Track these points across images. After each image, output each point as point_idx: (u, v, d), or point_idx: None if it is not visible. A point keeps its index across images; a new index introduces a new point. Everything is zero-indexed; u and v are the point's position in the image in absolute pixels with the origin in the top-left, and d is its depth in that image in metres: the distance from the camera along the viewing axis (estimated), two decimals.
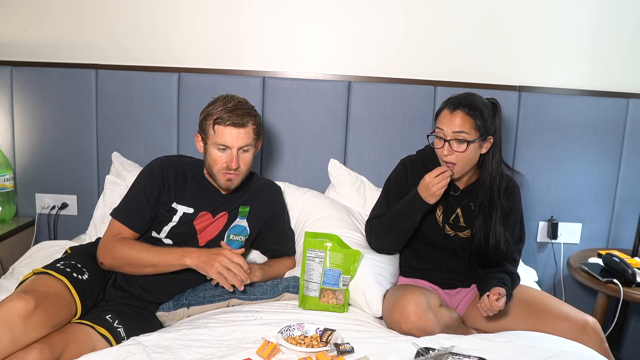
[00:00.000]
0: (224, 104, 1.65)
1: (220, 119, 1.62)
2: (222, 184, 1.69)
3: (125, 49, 2.27)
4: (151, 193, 1.68)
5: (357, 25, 2.26)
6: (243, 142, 1.64)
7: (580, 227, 2.34)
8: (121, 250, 1.61)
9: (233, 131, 1.62)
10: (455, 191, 1.76)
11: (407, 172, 1.80)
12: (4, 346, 1.25)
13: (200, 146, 1.72)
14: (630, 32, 2.27)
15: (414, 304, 1.56)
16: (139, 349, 1.36)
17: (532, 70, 2.29)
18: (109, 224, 1.70)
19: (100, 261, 1.64)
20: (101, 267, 1.64)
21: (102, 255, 1.63)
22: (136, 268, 1.62)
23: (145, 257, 1.60)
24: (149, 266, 1.60)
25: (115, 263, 1.63)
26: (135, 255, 1.60)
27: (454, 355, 1.34)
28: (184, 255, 1.59)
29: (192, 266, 1.59)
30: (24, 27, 2.27)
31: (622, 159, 2.30)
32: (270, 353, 1.34)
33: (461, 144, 1.63)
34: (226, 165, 1.65)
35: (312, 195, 2.07)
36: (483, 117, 1.64)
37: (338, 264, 1.67)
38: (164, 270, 1.62)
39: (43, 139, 2.27)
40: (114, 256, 1.62)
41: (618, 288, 1.91)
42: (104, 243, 1.65)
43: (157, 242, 1.71)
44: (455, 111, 1.63)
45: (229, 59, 2.27)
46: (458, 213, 1.77)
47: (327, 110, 2.24)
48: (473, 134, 1.63)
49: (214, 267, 1.56)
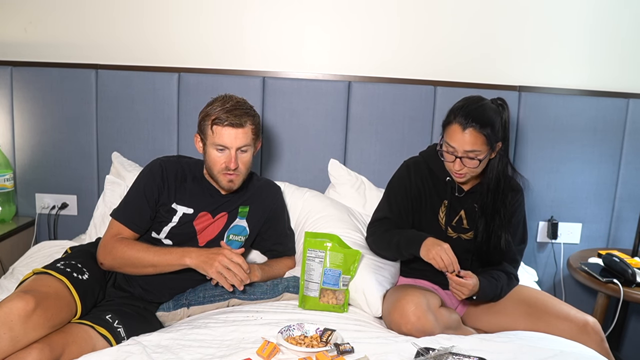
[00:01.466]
0: (222, 104, 1.64)
1: (218, 119, 1.62)
2: (223, 185, 1.69)
3: (125, 48, 2.27)
4: (151, 193, 1.68)
5: (357, 25, 2.26)
6: (241, 143, 1.64)
7: (580, 227, 2.34)
8: (121, 250, 1.61)
9: (231, 131, 1.62)
10: (460, 193, 1.76)
11: (410, 175, 1.79)
12: (3, 346, 1.25)
13: (199, 147, 1.72)
14: (630, 32, 2.27)
15: (413, 305, 1.55)
16: (139, 349, 1.36)
17: (532, 70, 2.29)
18: (109, 224, 1.70)
19: (100, 262, 1.64)
20: (101, 267, 1.64)
21: (102, 256, 1.63)
22: (136, 268, 1.62)
23: (145, 257, 1.60)
24: (149, 266, 1.60)
25: (115, 263, 1.62)
26: (135, 255, 1.60)
27: (454, 355, 1.34)
28: (184, 255, 1.59)
29: (192, 266, 1.59)
30: (24, 27, 2.27)
31: (622, 159, 2.30)
32: (270, 353, 1.34)
33: (473, 160, 1.63)
34: (225, 165, 1.65)
35: (312, 195, 2.07)
36: (494, 130, 1.62)
37: (338, 264, 1.67)
38: (164, 271, 1.61)
39: (43, 139, 2.27)
40: (114, 256, 1.61)
41: (618, 288, 1.91)
42: (104, 243, 1.65)
43: (157, 242, 1.71)
44: (467, 129, 1.59)
45: (229, 59, 2.28)
46: (462, 215, 1.76)
47: (327, 110, 2.24)
48: (484, 150, 1.62)
49: (213, 266, 1.56)
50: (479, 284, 1.62)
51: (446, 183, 1.75)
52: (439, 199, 1.76)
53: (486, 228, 1.72)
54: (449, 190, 1.75)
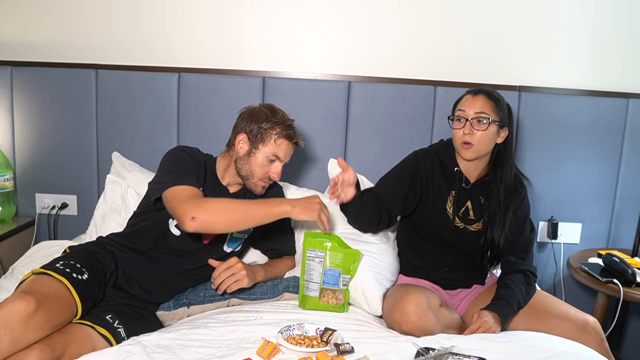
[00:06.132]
0: (284, 120, 1.71)
1: (287, 134, 1.69)
2: (258, 190, 1.74)
3: (125, 48, 2.27)
4: (194, 166, 1.67)
5: (357, 25, 2.26)
6: (289, 158, 1.77)
7: (580, 227, 2.34)
8: (212, 201, 1.56)
9: (291, 148, 1.73)
10: (467, 184, 1.78)
11: (419, 162, 1.80)
12: (4, 347, 1.25)
13: (242, 148, 1.71)
14: (630, 32, 2.27)
15: (414, 304, 1.56)
16: (139, 349, 1.36)
17: (532, 70, 2.29)
18: (170, 195, 1.57)
19: (191, 217, 1.49)
20: (186, 228, 1.50)
21: (193, 210, 1.50)
22: (234, 215, 1.55)
23: (243, 205, 1.57)
24: (250, 214, 1.56)
25: (208, 216, 1.51)
26: (232, 205, 1.56)
27: (454, 355, 1.34)
28: (281, 202, 1.61)
29: (292, 214, 1.59)
30: (24, 27, 2.27)
31: (622, 159, 2.30)
32: (270, 353, 1.34)
33: (482, 124, 1.69)
34: (269, 175, 1.71)
35: None
36: (501, 105, 1.73)
37: (338, 263, 1.67)
38: (262, 221, 1.59)
39: (43, 139, 2.27)
40: (208, 208, 1.52)
41: (618, 288, 1.91)
42: (185, 204, 1.52)
43: (165, 233, 1.69)
44: (477, 95, 1.72)
45: (229, 59, 2.28)
46: (468, 206, 1.78)
47: (327, 110, 2.24)
48: (494, 115, 1.70)
49: (316, 211, 1.61)
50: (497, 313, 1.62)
51: (454, 173, 1.77)
52: (447, 189, 1.78)
53: (494, 219, 1.75)
54: (457, 180, 1.77)
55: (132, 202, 2.06)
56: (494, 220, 1.75)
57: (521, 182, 1.82)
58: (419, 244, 1.84)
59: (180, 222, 1.52)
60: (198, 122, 2.24)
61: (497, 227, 1.75)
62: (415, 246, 1.84)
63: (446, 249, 1.80)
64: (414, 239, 1.85)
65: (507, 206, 1.75)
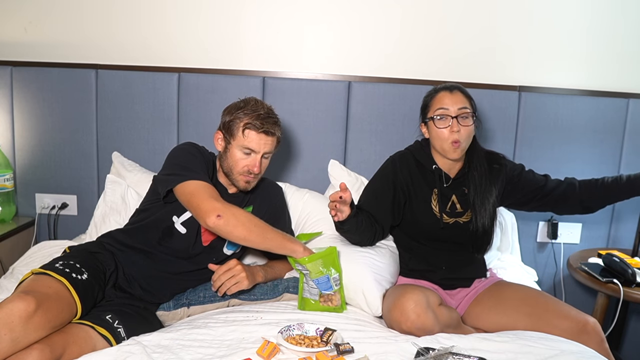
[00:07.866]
0: (254, 110, 1.67)
1: (253, 125, 1.65)
2: (240, 185, 1.72)
3: (125, 48, 2.27)
4: (203, 162, 1.69)
5: (357, 25, 2.26)
6: (268, 149, 1.69)
7: (580, 227, 2.34)
8: (239, 209, 1.59)
9: (262, 138, 1.67)
10: (447, 181, 1.79)
11: (396, 168, 1.82)
12: (4, 347, 1.25)
13: (220, 145, 1.73)
14: (630, 32, 2.27)
15: (413, 303, 1.55)
16: (139, 349, 1.36)
17: (532, 70, 2.29)
18: (188, 189, 1.59)
19: (218, 214, 1.53)
20: (207, 222, 1.53)
21: (222, 209, 1.54)
22: (253, 232, 1.58)
23: (264, 226, 1.60)
24: (268, 237, 1.60)
25: (234, 220, 1.54)
26: (256, 220, 1.59)
27: (454, 355, 1.34)
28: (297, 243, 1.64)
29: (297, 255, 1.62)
30: (24, 27, 2.27)
31: (622, 159, 2.30)
32: (270, 353, 1.34)
33: (467, 119, 1.70)
34: (247, 168, 1.68)
35: (312, 197, 2.07)
36: (472, 99, 1.76)
37: (320, 270, 1.64)
38: (272, 248, 1.63)
39: (43, 139, 2.27)
40: (235, 213, 1.55)
41: (618, 288, 1.91)
42: (214, 201, 1.55)
43: (171, 228, 1.70)
44: (454, 91, 1.73)
45: (229, 59, 2.28)
46: (453, 200, 1.80)
47: (327, 110, 2.24)
48: (471, 108, 1.73)
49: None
50: None
51: (433, 171, 1.78)
52: (429, 189, 1.79)
53: (482, 203, 1.77)
54: (437, 178, 1.78)
55: (132, 202, 2.06)
56: (476, 208, 1.77)
57: (499, 162, 1.84)
58: (414, 247, 1.84)
59: (202, 216, 1.54)
60: (198, 122, 2.24)
61: (480, 214, 1.77)
62: (411, 249, 1.85)
63: (441, 246, 1.81)
64: (408, 242, 1.85)
65: (489, 191, 1.78)
